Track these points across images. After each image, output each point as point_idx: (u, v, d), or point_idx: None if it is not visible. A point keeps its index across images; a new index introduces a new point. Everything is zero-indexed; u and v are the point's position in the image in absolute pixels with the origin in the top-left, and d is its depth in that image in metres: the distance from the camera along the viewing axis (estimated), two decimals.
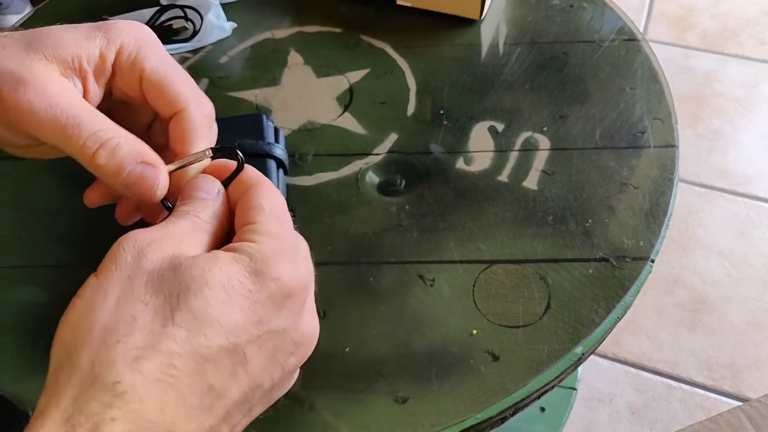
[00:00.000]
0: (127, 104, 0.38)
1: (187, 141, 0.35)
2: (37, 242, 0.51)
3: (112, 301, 0.27)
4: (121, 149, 0.32)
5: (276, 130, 0.53)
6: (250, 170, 0.34)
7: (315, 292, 0.35)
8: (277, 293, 0.29)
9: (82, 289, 0.29)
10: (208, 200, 0.32)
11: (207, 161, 0.35)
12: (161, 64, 0.36)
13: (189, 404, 0.26)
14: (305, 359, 0.32)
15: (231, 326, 0.27)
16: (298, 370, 0.33)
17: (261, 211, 0.32)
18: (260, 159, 0.50)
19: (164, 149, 0.36)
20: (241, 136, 0.50)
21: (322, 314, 0.47)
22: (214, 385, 0.27)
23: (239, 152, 0.34)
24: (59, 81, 0.33)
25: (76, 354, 0.26)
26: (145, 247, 0.29)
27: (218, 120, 0.53)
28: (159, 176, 0.33)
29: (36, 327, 0.47)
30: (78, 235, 0.51)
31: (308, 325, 0.32)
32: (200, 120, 0.36)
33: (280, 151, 0.51)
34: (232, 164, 0.34)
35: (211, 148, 0.36)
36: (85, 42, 0.35)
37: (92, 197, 0.38)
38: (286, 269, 0.30)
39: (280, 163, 0.51)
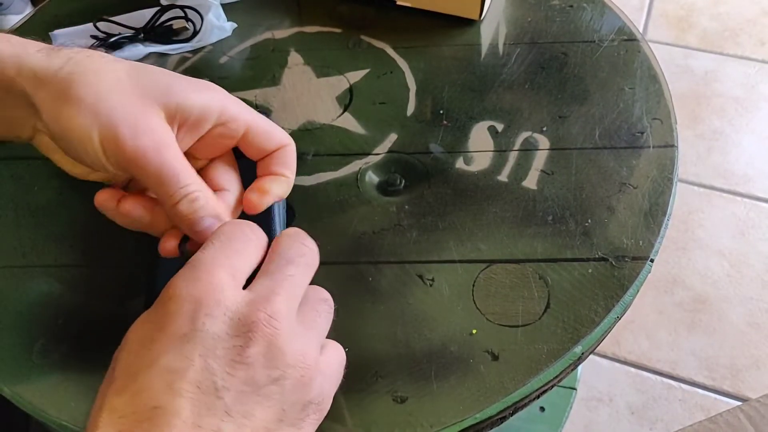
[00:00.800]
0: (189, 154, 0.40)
1: (293, 169, 0.42)
2: (36, 242, 0.51)
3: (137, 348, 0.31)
4: (200, 204, 0.37)
5: None
6: None
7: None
8: (306, 405, 0.33)
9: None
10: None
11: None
12: (254, 116, 0.40)
13: None
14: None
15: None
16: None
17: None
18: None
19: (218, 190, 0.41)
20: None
21: None
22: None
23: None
24: (167, 132, 0.36)
25: (142, 378, 0.29)
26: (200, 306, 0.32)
27: None
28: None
29: (35, 327, 0.47)
30: (77, 235, 0.51)
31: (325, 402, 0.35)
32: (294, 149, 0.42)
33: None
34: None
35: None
36: (193, 95, 0.37)
37: (103, 199, 0.40)
38: (318, 388, 0.34)
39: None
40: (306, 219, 0.52)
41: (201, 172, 0.40)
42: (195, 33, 0.65)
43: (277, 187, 0.40)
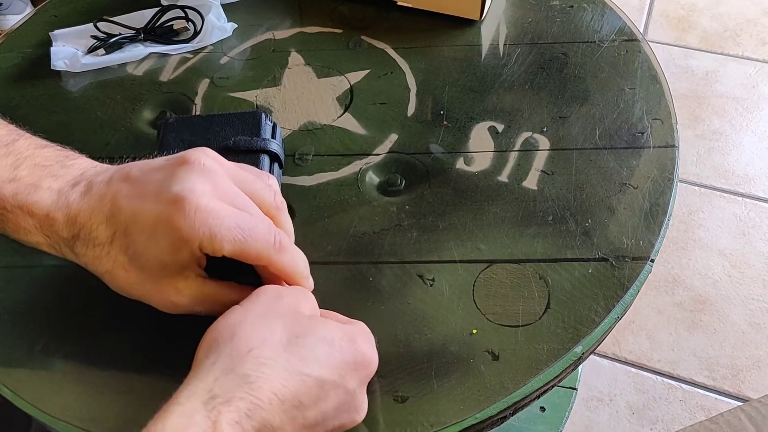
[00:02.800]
0: None
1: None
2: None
3: (252, 322, 0.38)
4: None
5: (274, 127, 0.53)
6: None
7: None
8: (359, 361, 0.39)
9: (229, 311, 0.39)
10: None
11: None
12: (237, 245, 0.41)
13: (284, 407, 0.35)
14: (348, 427, 0.40)
15: (326, 367, 0.37)
16: None
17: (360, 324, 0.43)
18: (255, 155, 0.50)
19: None
20: (239, 133, 0.51)
21: None
22: (303, 402, 0.36)
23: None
24: (184, 286, 0.41)
25: (221, 350, 0.36)
26: (280, 296, 0.40)
27: (217, 116, 0.53)
28: None
29: (35, 327, 0.47)
30: None
31: (365, 401, 0.41)
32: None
33: (275, 146, 0.51)
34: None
35: None
36: (176, 255, 0.39)
37: None
38: (369, 347, 0.41)
39: (275, 158, 0.52)
40: (306, 219, 0.52)
41: None
42: (195, 33, 0.65)
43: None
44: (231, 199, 0.40)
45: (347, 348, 0.39)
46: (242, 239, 0.39)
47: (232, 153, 0.49)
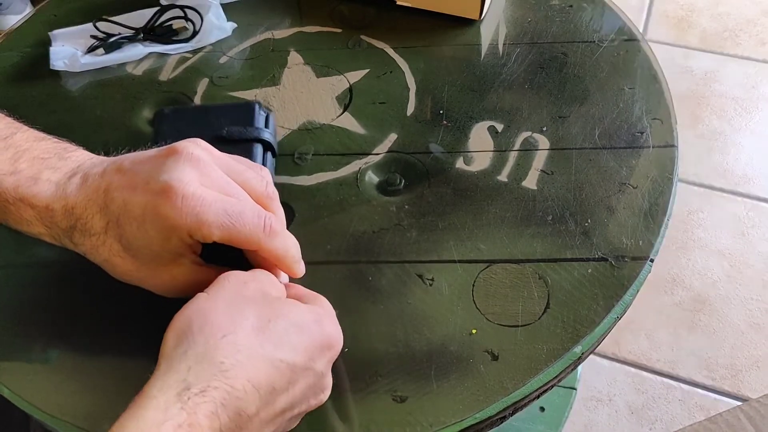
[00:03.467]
0: None
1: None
2: (37, 241, 0.51)
3: (222, 309, 0.37)
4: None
5: (267, 117, 0.54)
6: None
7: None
8: (326, 344, 0.39)
9: (194, 298, 0.39)
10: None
11: None
12: (226, 231, 0.42)
13: (259, 394, 0.35)
14: (314, 407, 0.40)
15: (297, 351, 0.37)
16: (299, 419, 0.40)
17: (324, 300, 0.43)
18: (248, 144, 0.51)
19: None
20: (233, 123, 0.52)
21: None
22: (276, 388, 0.36)
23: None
24: (179, 272, 0.42)
25: (192, 338, 0.36)
26: (245, 281, 0.40)
27: (212, 106, 0.54)
28: None
29: (35, 327, 0.47)
30: None
31: (330, 380, 0.41)
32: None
33: (268, 135, 0.52)
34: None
35: None
36: (166, 244, 0.41)
37: None
38: (335, 329, 0.41)
39: (268, 147, 0.52)
40: (306, 219, 0.52)
41: None
42: (195, 33, 0.65)
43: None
44: (220, 187, 0.41)
45: (316, 331, 0.39)
46: (230, 224, 0.39)
47: (225, 143, 0.50)
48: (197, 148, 0.41)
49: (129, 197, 0.40)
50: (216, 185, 0.41)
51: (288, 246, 0.43)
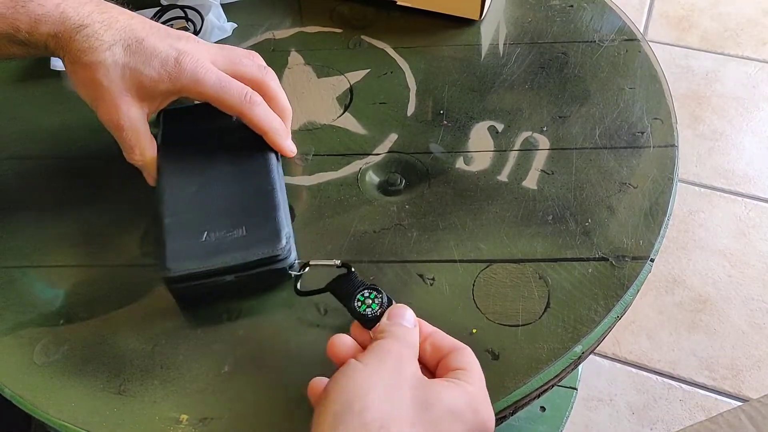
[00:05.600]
0: None
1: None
2: (38, 242, 0.51)
3: (382, 393, 0.36)
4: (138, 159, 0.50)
5: None
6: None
7: None
8: (481, 429, 0.37)
9: (351, 367, 0.38)
10: (413, 329, 0.41)
11: None
12: (215, 92, 0.49)
13: None
14: None
15: None
16: None
17: (472, 363, 0.40)
18: (256, 136, 0.50)
19: None
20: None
21: (323, 312, 0.47)
22: None
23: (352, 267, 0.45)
24: (135, 110, 0.48)
25: (349, 422, 0.35)
26: (401, 358, 0.38)
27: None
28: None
29: (36, 328, 0.47)
30: (79, 235, 0.51)
31: None
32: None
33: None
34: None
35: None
36: (158, 85, 0.47)
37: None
38: (489, 412, 0.39)
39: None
40: (307, 219, 0.52)
41: None
42: (195, 33, 0.65)
43: None
44: (222, 65, 0.49)
45: (471, 418, 0.37)
46: (220, 88, 0.48)
47: (235, 131, 0.51)
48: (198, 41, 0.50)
49: (147, 36, 0.47)
50: (218, 62, 0.49)
51: (270, 118, 0.50)
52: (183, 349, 0.46)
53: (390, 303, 0.43)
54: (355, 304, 0.43)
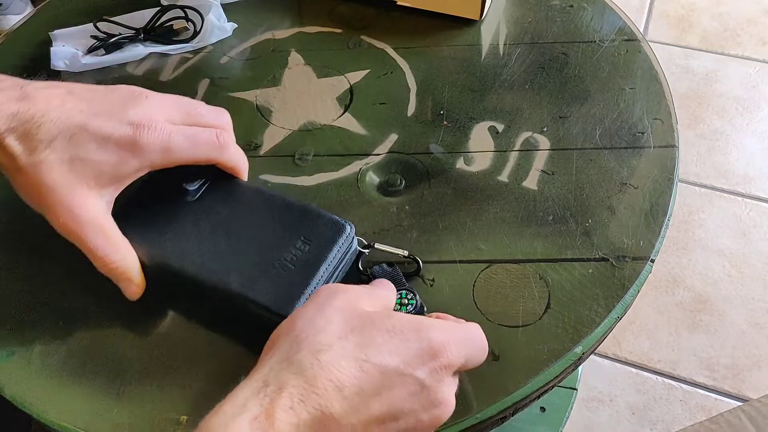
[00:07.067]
0: None
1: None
2: (36, 242, 0.51)
3: (309, 315, 0.38)
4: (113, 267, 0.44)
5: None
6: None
7: None
8: (426, 350, 0.36)
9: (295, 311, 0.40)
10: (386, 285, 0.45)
11: None
12: (189, 152, 0.46)
13: (343, 394, 0.34)
14: (430, 425, 0.37)
15: (388, 354, 0.36)
16: None
17: (461, 324, 0.41)
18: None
19: None
20: (311, 233, 0.47)
21: None
22: (364, 389, 0.35)
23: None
24: (93, 204, 0.43)
25: (279, 343, 0.37)
26: (337, 292, 0.40)
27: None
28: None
29: (36, 329, 0.47)
30: None
31: (445, 394, 0.37)
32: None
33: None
34: None
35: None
36: (121, 167, 0.43)
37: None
38: (440, 335, 0.37)
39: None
40: None
41: None
42: (195, 33, 0.65)
43: None
44: (177, 119, 0.46)
45: (413, 336, 0.37)
46: (190, 145, 0.45)
47: (197, 175, 0.49)
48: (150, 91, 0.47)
49: (90, 120, 0.42)
50: (175, 118, 0.46)
51: (239, 155, 0.49)
52: (182, 350, 0.46)
53: (422, 308, 0.45)
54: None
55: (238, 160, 0.49)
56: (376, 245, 0.48)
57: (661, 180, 0.53)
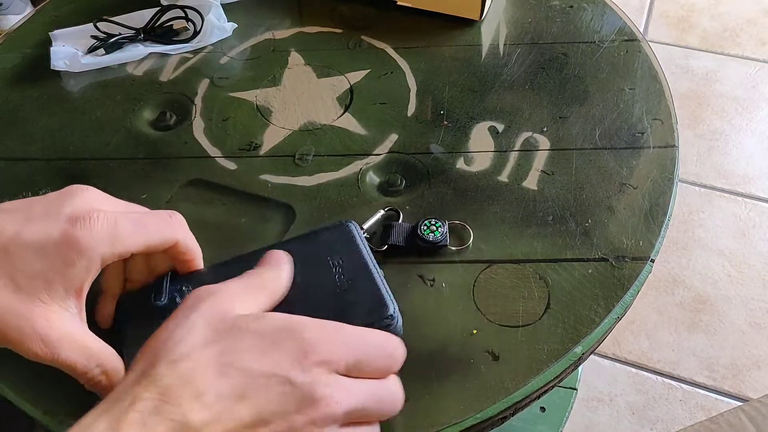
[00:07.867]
0: None
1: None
2: None
3: (170, 328, 0.36)
4: (100, 380, 0.40)
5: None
6: None
7: None
8: (300, 349, 0.35)
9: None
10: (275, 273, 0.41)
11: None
12: (140, 236, 0.41)
13: (204, 402, 0.32)
14: (317, 425, 0.34)
15: (253, 356, 0.34)
16: None
17: None
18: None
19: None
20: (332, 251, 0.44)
21: None
22: (227, 394, 0.33)
23: None
24: (57, 319, 0.38)
25: (136, 360, 0.35)
26: (201, 297, 0.37)
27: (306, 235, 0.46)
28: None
29: None
30: None
31: (332, 391, 0.34)
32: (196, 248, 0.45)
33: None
34: None
35: None
36: (68, 270, 0.38)
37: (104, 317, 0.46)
38: (320, 336, 0.35)
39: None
40: (307, 220, 0.52)
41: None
42: (195, 33, 0.65)
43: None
44: (119, 206, 0.42)
45: (285, 336, 0.35)
46: (141, 231, 0.40)
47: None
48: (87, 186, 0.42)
49: (23, 227, 0.38)
50: (114, 206, 0.41)
51: (192, 238, 0.43)
52: None
53: (447, 233, 0.49)
54: (422, 230, 0.48)
55: (194, 243, 0.44)
56: (365, 226, 0.50)
57: (661, 180, 0.53)
